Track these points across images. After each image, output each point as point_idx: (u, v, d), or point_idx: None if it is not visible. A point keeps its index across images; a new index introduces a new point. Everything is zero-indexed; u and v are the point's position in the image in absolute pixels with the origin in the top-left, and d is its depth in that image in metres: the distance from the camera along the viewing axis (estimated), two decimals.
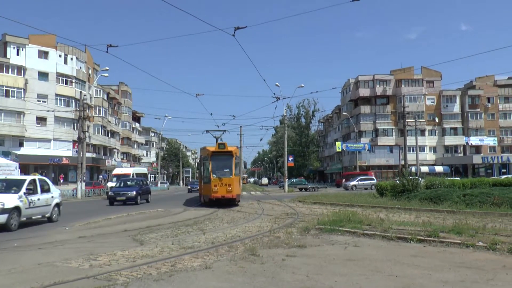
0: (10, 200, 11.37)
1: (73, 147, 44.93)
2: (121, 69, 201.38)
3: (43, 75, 45.86)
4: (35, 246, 8.56)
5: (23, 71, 44.31)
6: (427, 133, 61.66)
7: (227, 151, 19.98)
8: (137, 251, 7.58)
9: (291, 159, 47.52)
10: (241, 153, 31.74)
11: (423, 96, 61.67)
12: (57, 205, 14.06)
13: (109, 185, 31.38)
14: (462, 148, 61.98)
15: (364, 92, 62.82)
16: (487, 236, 8.12)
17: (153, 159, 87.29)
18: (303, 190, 42.43)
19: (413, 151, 51.30)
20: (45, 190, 13.45)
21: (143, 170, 43.14)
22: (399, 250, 7.48)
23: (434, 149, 62.05)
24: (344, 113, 64.51)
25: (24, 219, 11.97)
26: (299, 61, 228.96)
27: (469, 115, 62.17)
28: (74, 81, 49.13)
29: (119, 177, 32.21)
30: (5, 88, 42.55)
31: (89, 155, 46.03)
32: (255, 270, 5.93)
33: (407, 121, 44.11)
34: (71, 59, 49.09)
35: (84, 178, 31.89)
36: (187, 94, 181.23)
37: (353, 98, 65.16)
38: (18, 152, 39.82)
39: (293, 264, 6.31)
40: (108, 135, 58.97)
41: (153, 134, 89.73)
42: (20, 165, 28.40)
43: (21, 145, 43.95)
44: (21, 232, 11.24)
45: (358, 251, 7.38)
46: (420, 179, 21.71)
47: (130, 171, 37.94)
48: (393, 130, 61.71)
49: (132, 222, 13.34)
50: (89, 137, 42.28)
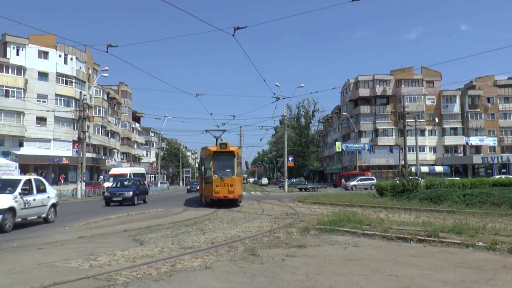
0: (4, 200, 11.13)
1: (73, 147, 44.92)
2: (121, 69, 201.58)
3: (43, 75, 45.88)
4: (35, 246, 8.54)
5: (23, 71, 44.32)
6: (427, 133, 61.66)
7: (229, 151, 19.60)
8: (137, 251, 7.58)
9: (291, 159, 47.49)
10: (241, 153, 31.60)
11: (423, 96, 61.67)
12: (54, 205, 13.76)
13: (106, 185, 30.47)
14: (462, 148, 61.99)
15: (364, 92, 62.83)
16: (487, 236, 8.13)
17: (153, 159, 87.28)
18: (303, 190, 42.45)
19: (413, 151, 51.35)
20: (41, 190, 13.15)
21: (140, 170, 42.68)
22: (399, 250, 7.49)
23: (434, 149, 62.06)
24: (344, 113, 64.50)
25: (19, 220, 11.72)
26: (299, 61, 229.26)
27: (469, 115, 62.18)
28: (74, 81, 49.14)
29: (115, 177, 31.06)
30: (5, 88, 42.58)
31: (89, 155, 46.04)
32: (255, 270, 5.93)
33: (407, 121, 44.15)
34: (71, 59, 49.10)
35: (84, 178, 31.77)
36: (187, 94, 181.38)
37: (353, 98, 65.16)
38: (18, 152, 39.76)
39: (293, 264, 6.31)
40: (108, 135, 58.98)
41: (153, 134, 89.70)
42: (20, 165, 28.32)
43: (21, 145, 43.96)
44: (22, 232, 11.21)
45: (358, 251, 7.38)
46: (420, 179, 21.72)
47: (127, 171, 37.08)
48: (393, 130, 61.72)
49: (132, 222, 13.33)
50: (89, 137, 42.34)
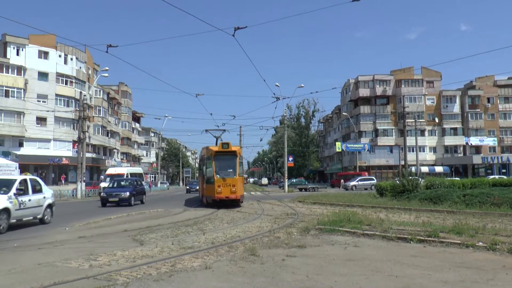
0: None
1: (73, 147, 44.93)
2: (121, 69, 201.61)
3: (43, 75, 45.89)
4: (35, 246, 8.54)
5: (23, 71, 44.32)
6: (427, 133, 61.69)
7: (231, 151, 19.33)
8: (137, 251, 7.58)
9: (291, 159, 47.51)
10: None
11: (423, 96, 61.69)
12: (50, 206, 13.46)
13: (102, 185, 30.06)
14: (462, 148, 62.01)
15: (364, 92, 62.85)
16: (487, 236, 8.13)
17: (153, 159, 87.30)
18: (303, 190, 42.44)
19: (413, 151, 51.34)
20: (37, 190, 12.86)
21: (138, 170, 42.49)
22: (399, 250, 7.48)
23: (434, 149, 62.08)
24: (344, 113, 64.52)
25: (14, 221, 11.44)
26: (299, 61, 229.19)
27: (469, 115, 62.20)
28: (74, 81, 49.15)
29: (112, 177, 30.68)
30: (5, 88, 42.59)
31: (89, 155, 46.05)
32: (255, 270, 5.93)
33: (407, 121, 44.14)
34: (71, 59, 49.11)
35: (84, 178, 31.74)
36: (187, 94, 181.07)
37: (353, 98, 65.18)
38: (18, 152, 39.79)
39: (293, 264, 6.31)
40: (108, 135, 58.99)
41: (153, 134, 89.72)
42: (20, 165, 28.29)
43: (21, 145, 43.96)
44: (22, 232, 11.21)
45: (358, 251, 7.38)
46: (420, 179, 21.72)
47: (124, 171, 36.48)
48: (393, 130, 61.74)
49: (132, 222, 13.33)
50: (89, 137, 42.33)
